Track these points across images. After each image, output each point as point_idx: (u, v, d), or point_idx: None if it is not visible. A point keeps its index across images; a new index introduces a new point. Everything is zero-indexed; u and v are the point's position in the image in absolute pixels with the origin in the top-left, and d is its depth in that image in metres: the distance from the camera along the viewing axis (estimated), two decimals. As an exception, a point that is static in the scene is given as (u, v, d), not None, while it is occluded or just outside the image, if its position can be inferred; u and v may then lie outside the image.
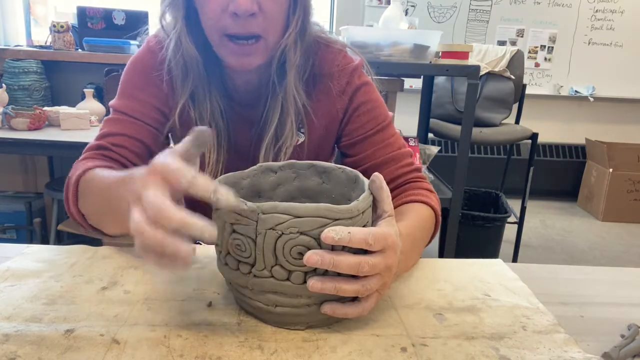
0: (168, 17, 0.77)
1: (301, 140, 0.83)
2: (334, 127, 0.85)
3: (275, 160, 0.79)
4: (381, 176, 0.53)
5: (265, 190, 0.62)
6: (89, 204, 0.68)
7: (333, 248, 0.48)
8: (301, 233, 0.47)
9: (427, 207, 0.75)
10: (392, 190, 0.71)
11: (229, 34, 0.69)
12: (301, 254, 0.47)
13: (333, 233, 0.46)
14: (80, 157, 0.76)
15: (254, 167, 0.61)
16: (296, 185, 0.63)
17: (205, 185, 0.44)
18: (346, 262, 0.47)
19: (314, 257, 0.46)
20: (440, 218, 0.78)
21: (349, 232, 0.47)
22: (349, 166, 0.61)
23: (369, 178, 0.66)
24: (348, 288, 0.48)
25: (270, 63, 0.78)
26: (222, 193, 0.44)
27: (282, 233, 0.47)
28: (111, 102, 0.81)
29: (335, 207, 0.48)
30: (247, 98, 0.83)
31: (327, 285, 0.48)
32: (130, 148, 0.78)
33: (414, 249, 0.67)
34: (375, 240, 0.48)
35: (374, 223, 0.53)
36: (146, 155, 0.79)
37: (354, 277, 0.49)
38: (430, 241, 0.76)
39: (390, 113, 0.88)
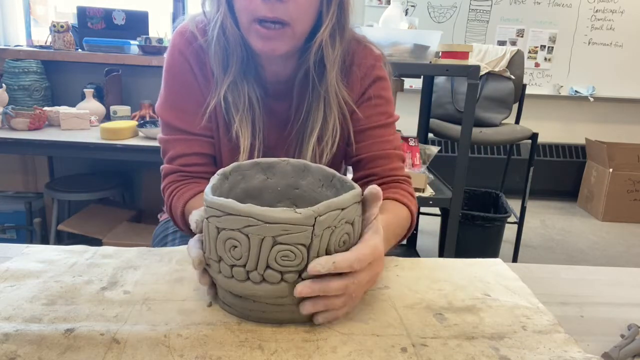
0: (209, 4, 0.79)
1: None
2: (349, 109, 0.87)
3: (321, 156, 0.83)
4: (380, 190, 0.56)
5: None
6: None
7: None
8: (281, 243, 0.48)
9: (406, 209, 0.81)
10: (380, 185, 0.75)
11: (257, 17, 0.71)
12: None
13: (319, 267, 0.49)
14: (165, 183, 0.86)
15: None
16: (243, 188, 0.63)
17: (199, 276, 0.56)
18: (334, 286, 0.50)
19: (305, 290, 0.49)
20: (414, 222, 0.84)
21: (334, 262, 0.49)
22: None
23: (362, 168, 0.88)
24: (335, 285, 0.51)
25: (297, 57, 0.81)
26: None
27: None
28: (159, 109, 0.85)
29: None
30: (276, 89, 0.86)
31: (315, 287, 0.50)
32: (200, 162, 0.86)
33: (388, 240, 0.70)
34: (360, 264, 0.51)
35: (363, 220, 0.56)
36: (212, 162, 0.88)
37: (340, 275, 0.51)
38: (400, 241, 0.80)
39: (397, 115, 0.90)
